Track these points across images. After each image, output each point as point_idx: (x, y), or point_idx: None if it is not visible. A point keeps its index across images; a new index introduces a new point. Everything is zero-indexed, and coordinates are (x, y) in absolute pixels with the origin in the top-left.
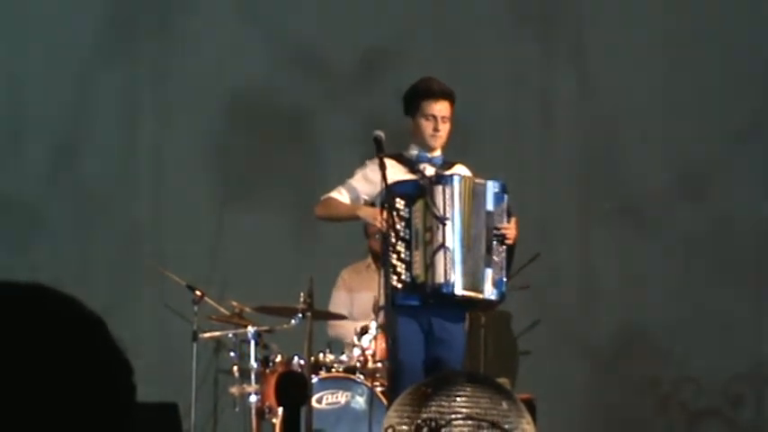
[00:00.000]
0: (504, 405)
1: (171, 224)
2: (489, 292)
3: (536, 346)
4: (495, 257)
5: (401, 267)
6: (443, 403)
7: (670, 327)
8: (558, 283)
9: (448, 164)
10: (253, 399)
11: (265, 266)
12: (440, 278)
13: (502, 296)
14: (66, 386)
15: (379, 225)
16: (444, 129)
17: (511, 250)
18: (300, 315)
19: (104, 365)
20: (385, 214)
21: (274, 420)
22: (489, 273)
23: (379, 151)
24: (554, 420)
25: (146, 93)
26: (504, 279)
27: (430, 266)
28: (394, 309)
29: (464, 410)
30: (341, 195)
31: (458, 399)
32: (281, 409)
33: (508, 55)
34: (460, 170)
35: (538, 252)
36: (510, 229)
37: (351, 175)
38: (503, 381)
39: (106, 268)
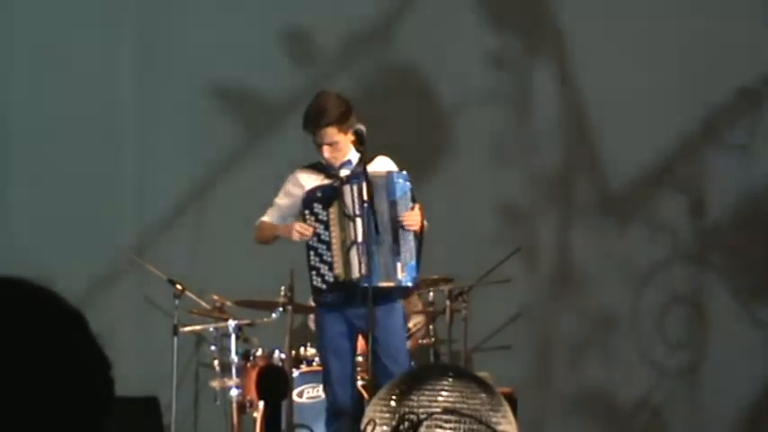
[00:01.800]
0: (485, 398)
1: (152, 218)
2: (402, 279)
3: (517, 340)
4: (402, 245)
5: (324, 268)
6: (424, 397)
7: (651, 316)
8: (538, 276)
9: (367, 159)
10: (233, 392)
11: (246, 260)
12: (356, 273)
13: (414, 281)
14: (44, 380)
15: (296, 238)
16: (333, 151)
17: (419, 235)
18: (281, 309)
19: (83, 360)
20: (299, 226)
21: (255, 414)
22: (399, 260)
23: (361, 144)
24: (535, 414)
25: (128, 85)
26: (414, 263)
27: (346, 264)
28: (320, 308)
29: (445, 404)
30: (269, 217)
31: (439, 392)
32: (261, 403)
33: (490, 43)
34: (381, 162)
35: (518, 246)
36: (412, 216)
37: (277, 193)
38: (484, 374)
39: (87, 262)
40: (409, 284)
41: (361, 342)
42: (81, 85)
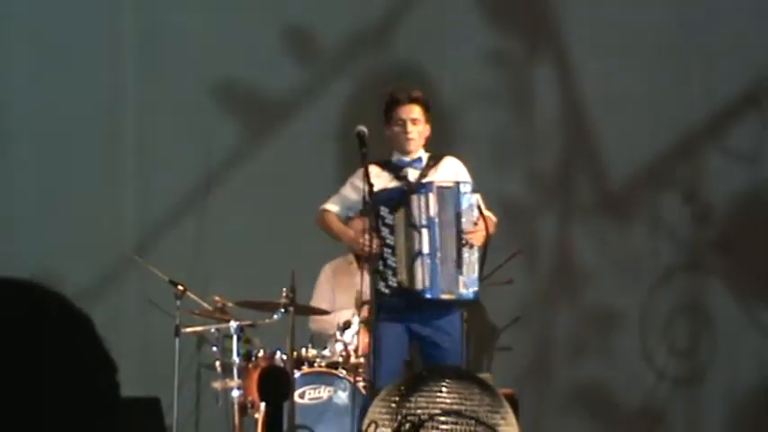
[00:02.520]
0: (487, 400)
1: (154, 218)
2: (464, 293)
3: (517, 340)
4: (466, 258)
5: (388, 273)
6: (426, 398)
7: (652, 316)
8: (538, 276)
9: (434, 159)
10: (235, 393)
11: (248, 261)
12: (419, 284)
13: (476, 294)
14: (50, 384)
15: (361, 251)
16: (415, 130)
17: (484, 246)
18: (283, 310)
19: (89, 364)
20: (363, 238)
21: (257, 415)
22: (462, 274)
23: (362, 146)
24: (536, 415)
25: (129, 86)
26: (476, 276)
27: (410, 273)
28: (380, 313)
29: (446, 406)
30: (334, 207)
31: (440, 394)
32: (263, 404)
33: (490, 43)
34: (449, 163)
35: (519, 248)
36: (477, 230)
37: (344, 182)
38: (485, 376)
39: (88, 262)
40: (470, 297)
41: (363, 342)
42: (81, 85)
